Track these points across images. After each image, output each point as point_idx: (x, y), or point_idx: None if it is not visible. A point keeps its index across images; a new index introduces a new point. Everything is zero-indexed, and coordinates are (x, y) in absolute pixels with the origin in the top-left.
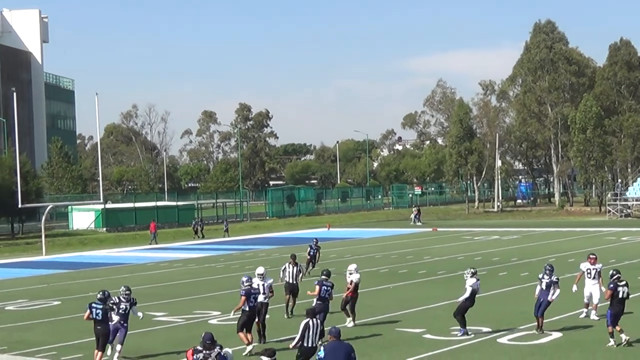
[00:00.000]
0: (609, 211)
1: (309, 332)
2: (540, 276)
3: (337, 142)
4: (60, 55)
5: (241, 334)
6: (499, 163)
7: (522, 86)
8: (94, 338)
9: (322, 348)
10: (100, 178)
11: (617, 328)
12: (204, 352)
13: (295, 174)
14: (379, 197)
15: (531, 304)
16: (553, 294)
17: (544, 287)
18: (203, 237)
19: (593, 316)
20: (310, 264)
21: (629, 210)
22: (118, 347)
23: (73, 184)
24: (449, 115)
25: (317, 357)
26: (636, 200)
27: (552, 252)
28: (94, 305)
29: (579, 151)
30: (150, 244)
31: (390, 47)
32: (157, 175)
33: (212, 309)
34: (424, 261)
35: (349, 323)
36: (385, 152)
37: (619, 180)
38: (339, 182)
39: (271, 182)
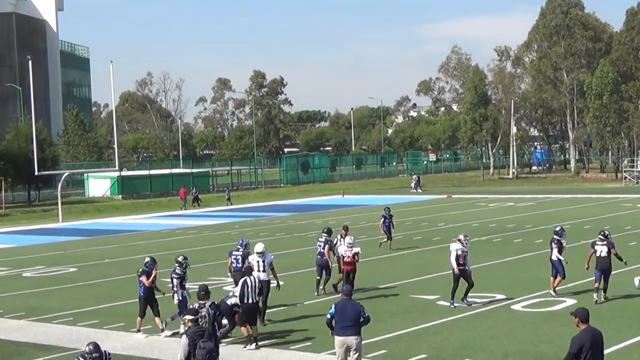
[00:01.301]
0: (625, 178)
1: (247, 290)
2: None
3: (352, 108)
4: (76, 23)
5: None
6: (514, 129)
7: (538, 52)
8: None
9: (333, 305)
10: (115, 145)
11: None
12: (199, 302)
13: (309, 141)
14: (394, 163)
15: (545, 271)
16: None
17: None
18: (199, 205)
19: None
20: (387, 236)
21: None
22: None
23: (89, 152)
24: (463, 81)
25: (328, 313)
26: None
27: (567, 219)
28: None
29: (595, 117)
30: (181, 209)
31: (405, 13)
32: (172, 143)
33: (226, 276)
34: (438, 228)
35: None
36: (399, 119)
37: None
38: (353, 149)
39: (285, 150)
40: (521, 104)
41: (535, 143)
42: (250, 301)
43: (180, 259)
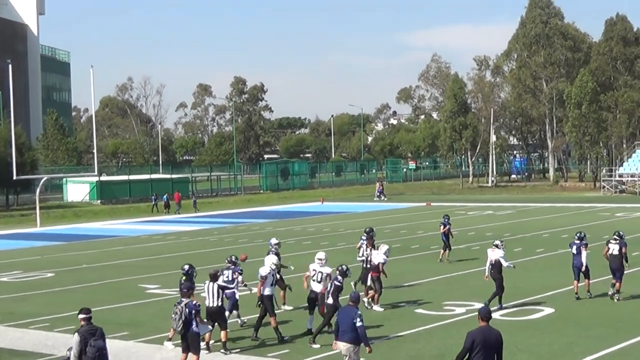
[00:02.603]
0: (604, 187)
1: (207, 294)
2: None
3: (332, 116)
4: (57, 28)
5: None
6: (493, 138)
7: (517, 61)
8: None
9: (338, 310)
10: (95, 150)
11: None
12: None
13: (289, 148)
14: (373, 171)
15: (523, 280)
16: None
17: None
18: (168, 212)
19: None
20: (446, 244)
21: (623, 186)
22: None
23: (68, 156)
24: (443, 89)
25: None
26: (631, 176)
27: (545, 227)
28: None
29: (574, 126)
30: (176, 213)
31: (385, 21)
32: (151, 148)
33: (205, 282)
34: (417, 236)
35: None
36: (379, 127)
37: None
38: (333, 156)
39: (265, 156)
40: (501, 113)
41: (515, 152)
42: (209, 304)
43: (233, 258)
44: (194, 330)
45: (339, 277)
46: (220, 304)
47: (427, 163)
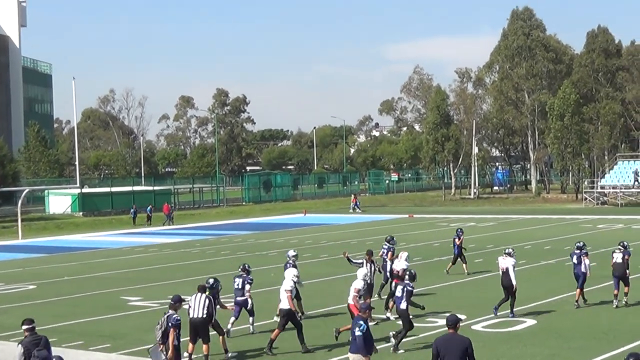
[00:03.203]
0: (586, 199)
1: (194, 305)
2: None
3: (314, 127)
4: (38, 39)
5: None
6: (475, 150)
7: (500, 73)
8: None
9: None
10: (77, 162)
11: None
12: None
13: (272, 160)
14: (356, 183)
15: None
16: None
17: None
18: (135, 224)
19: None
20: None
21: (605, 198)
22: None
23: (50, 168)
24: (426, 101)
25: None
26: (612, 188)
27: (528, 239)
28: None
29: (556, 138)
30: (164, 224)
31: (368, 33)
32: (134, 160)
33: (187, 294)
34: (400, 247)
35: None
36: (362, 138)
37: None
38: (315, 167)
39: (248, 168)
40: (483, 125)
41: (497, 163)
42: (192, 315)
43: (246, 266)
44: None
45: (410, 282)
46: (204, 316)
47: (409, 175)
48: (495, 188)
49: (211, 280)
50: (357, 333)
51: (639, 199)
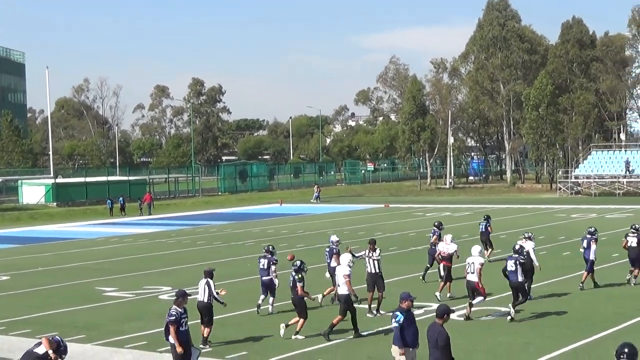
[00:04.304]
0: (560, 188)
1: (199, 289)
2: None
3: (290, 117)
4: (11, 28)
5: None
6: (451, 140)
7: (475, 63)
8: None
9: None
10: (50, 152)
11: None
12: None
13: (248, 150)
14: (332, 173)
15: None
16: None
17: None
18: (113, 215)
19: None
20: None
21: (579, 188)
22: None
23: (23, 158)
24: (402, 91)
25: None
26: (586, 178)
27: (503, 228)
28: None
29: (531, 128)
30: (146, 214)
31: (344, 23)
32: (108, 150)
33: (163, 284)
34: (375, 237)
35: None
36: (338, 128)
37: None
38: (291, 157)
39: (224, 158)
40: (458, 115)
41: (472, 153)
42: (200, 299)
43: (270, 248)
44: (170, 340)
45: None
46: (207, 300)
47: (385, 165)
48: (471, 178)
49: (298, 262)
50: (394, 324)
51: (636, 188)
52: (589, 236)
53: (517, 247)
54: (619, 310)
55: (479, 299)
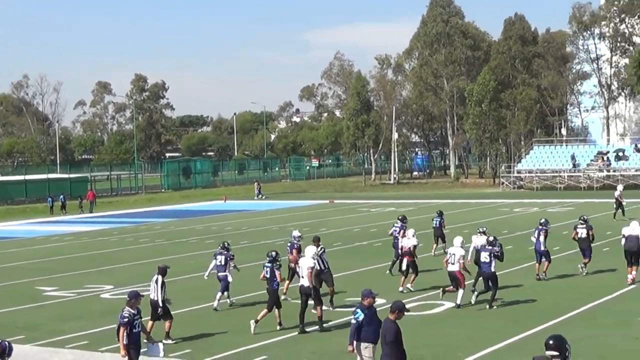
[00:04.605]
0: (503, 183)
1: (152, 287)
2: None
3: (235, 113)
4: None
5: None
6: (395, 135)
7: (419, 59)
8: None
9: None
10: None
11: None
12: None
13: (191, 146)
14: (276, 169)
15: (426, 274)
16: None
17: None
18: (53, 213)
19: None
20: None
21: (521, 182)
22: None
23: None
24: (346, 87)
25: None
26: (528, 172)
27: (447, 223)
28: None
29: (474, 124)
30: (84, 212)
31: (289, 19)
32: (49, 147)
33: (104, 283)
34: (320, 233)
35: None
36: (282, 124)
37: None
38: (236, 154)
39: (167, 154)
40: (402, 111)
41: (416, 149)
42: (152, 297)
43: (226, 244)
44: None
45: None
46: (156, 297)
47: (330, 161)
48: (415, 173)
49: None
50: (352, 321)
51: (577, 182)
52: (540, 227)
53: (491, 239)
54: (560, 302)
55: (460, 292)
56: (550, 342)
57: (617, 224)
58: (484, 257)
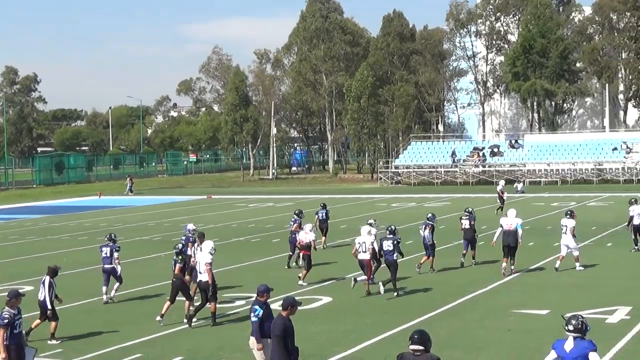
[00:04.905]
0: (381, 178)
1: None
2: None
3: (110, 107)
4: None
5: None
6: (274, 131)
7: (298, 55)
8: None
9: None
10: None
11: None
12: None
13: (65, 141)
14: (153, 164)
15: (316, 269)
16: None
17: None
18: None
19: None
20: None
21: (399, 178)
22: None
23: None
24: (224, 82)
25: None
26: (406, 168)
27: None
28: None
29: (353, 119)
30: None
31: (166, 12)
32: None
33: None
34: (198, 228)
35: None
36: (159, 119)
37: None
38: (111, 148)
39: (39, 149)
40: (282, 106)
41: (295, 144)
42: (39, 298)
43: (112, 236)
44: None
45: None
46: (44, 299)
47: (208, 156)
48: (294, 169)
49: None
50: (253, 318)
51: (453, 178)
52: (426, 221)
53: (392, 227)
54: (436, 296)
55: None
56: (415, 336)
57: (496, 217)
58: (387, 245)
